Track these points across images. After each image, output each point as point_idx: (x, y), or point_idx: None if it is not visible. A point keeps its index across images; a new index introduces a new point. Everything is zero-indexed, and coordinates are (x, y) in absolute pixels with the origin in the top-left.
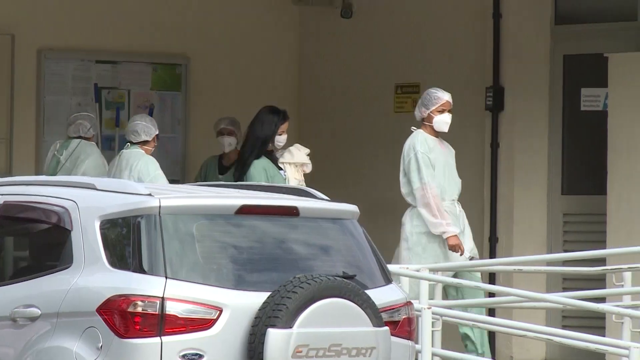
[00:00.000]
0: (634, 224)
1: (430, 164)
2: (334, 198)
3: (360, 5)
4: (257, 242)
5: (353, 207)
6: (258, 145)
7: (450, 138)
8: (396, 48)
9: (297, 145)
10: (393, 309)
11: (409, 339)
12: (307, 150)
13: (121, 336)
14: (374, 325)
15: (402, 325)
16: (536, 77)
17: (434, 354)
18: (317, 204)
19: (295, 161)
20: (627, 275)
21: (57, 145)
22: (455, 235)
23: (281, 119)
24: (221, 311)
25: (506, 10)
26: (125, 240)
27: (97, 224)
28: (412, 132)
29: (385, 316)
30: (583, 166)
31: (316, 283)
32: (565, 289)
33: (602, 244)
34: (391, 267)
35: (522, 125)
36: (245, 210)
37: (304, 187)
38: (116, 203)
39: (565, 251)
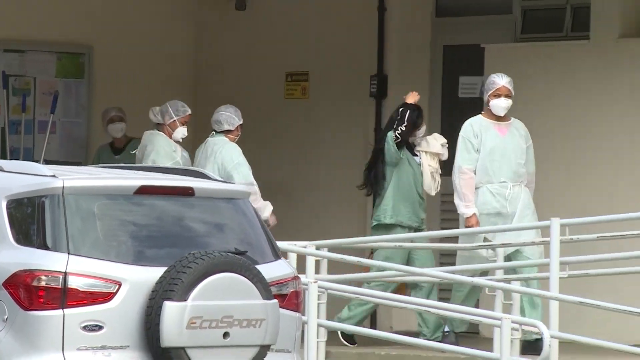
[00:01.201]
0: None
1: (473, 148)
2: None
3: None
4: (155, 220)
5: (244, 188)
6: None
7: (337, 122)
8: (287, 38)
9: (435, 134)
10: (282, 283)
11: (296, 311)
12: (444, 140)
13: (26, 309)
14: (264, 298)
15: (290, 298)
16: (417, 66)
17: (319, 325)
18: (212, 184)
19: (430, 150)
20: (500, 251)
21: None
22: (473, 216)
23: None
24: (120, 285)
25: (390, 4)
26: (30, 219)
27: (4, 204)
28: None
29: (274, 290)
30: None
31: (209, 259)
32: (442, 264)
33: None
34: (280, 244)
35: None
36: (143, 191)
37: (200, 169)
38: (22, 184)
39: (443, 229)
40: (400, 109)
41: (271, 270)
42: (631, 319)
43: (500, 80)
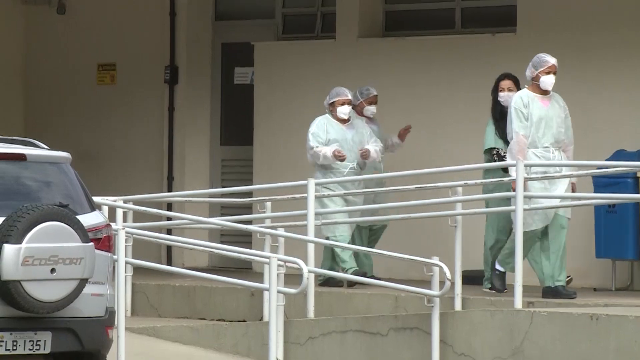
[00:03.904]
0: (273, 167)
1: (524, 117)
2: (54, 147)
3: (71, 3)
4: None
5: (67, 154)
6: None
7: (138, 103)
8: (99, 35)
9: None
10: (96, 229)
11: (108, 251)
12: None
13: None
14: (82, 242)
15: (104, 241)
16: (202, 59)
17: (126, 262)
18: (41, 151)
19: None
20: (268, 204)
21: None
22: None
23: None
24: None
25: (179, 9)
26: None
27: None
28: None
29: (90, 235)
30: (236, 124)
31: (39, 210)
32: (223, 215)
33: (250, 182)
34: (95, 198)
35: (191, 94)
36: None
37: (29, 139)
38: None
39: (223, 187)
40: None
41: (88, 219)
42: (373, 257)
43: (551, 59)
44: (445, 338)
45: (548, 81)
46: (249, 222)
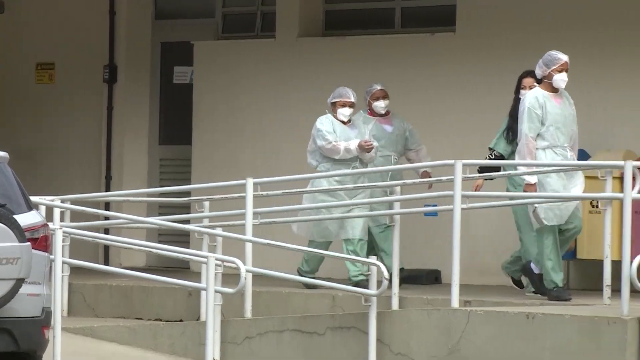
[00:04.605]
0: (212, 167)
1: (537, 119)
2: None
3: (9, 2)
4: None
5: (4, 154)
6: None
7: (77, 101)
8: (37, 34)
9: None
10: (34, 229)
11: (45, 251)
12: None
13: None
14: (19, 241)
15: (41, 241)
16: (141, 58)
17: (63, 262)
18: None
19: None
20: (207, 204)
21: None
22: (535, 185)
23: (519, 78)
24: None
25: (119, 7)
26: None
27: None
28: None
29: (27, 234)
30: (175, 123)
31: None
32: (161, 214)
33: (188, 181)
34: (32, 198)
35: (130, 93)
36: None
37: None
38: None
39: (162, 186)
40: None
41: (25, 219)
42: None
43: (564, 57)
44: (382, 337)
45: (562, 79)
46: (187, 221)
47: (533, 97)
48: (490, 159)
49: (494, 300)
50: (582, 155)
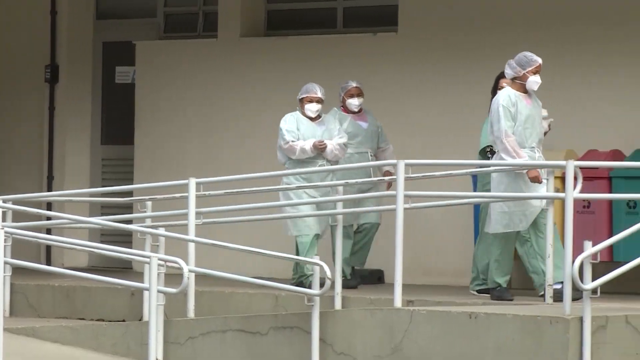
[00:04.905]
0: (154, 167)
1: (511, 115)
2: None
3: None
4: None
5: None
6: None
7: (19, 101)
8: None
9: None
10: None
11: None
12: (546, 114)
13: None
14: None
15: None
16: (83, 58)
17: (5, 262)
18: None
19: None
20: (149, 204)
21: None
22: (535, 170)
23: (496, 79)
24: None
25: (60, 7)
26: None
27: None
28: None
29: None
30: (117, 123)
31: None
32: (103, 214)
33: (130, 181)
34: None
35: (72, 93)
36: None
37: None
38: None
39: (104, 186)
40: None
41: None
42: (250, 256)
43: (539, 59)
44: (325, 337)
45: (536, 80)
46: (130, 221)
47: (506, 95)
48: (489, 157)
49: (436, 300)
50: None
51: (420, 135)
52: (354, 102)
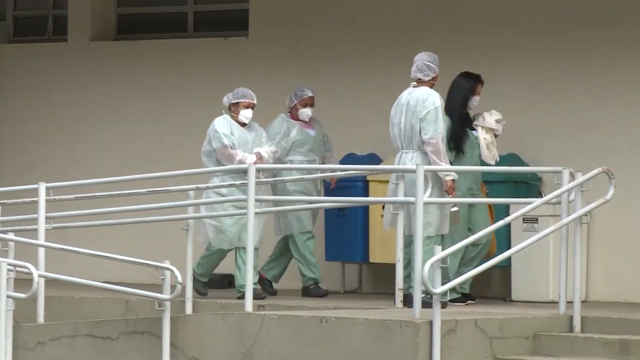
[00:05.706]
0: (5, 172)
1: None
2: None
3: None
4: None
5: None
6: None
7: None
8: None
9: (493, 111)
10: None
11: None
12: (499, 116)
13: None
14: None
15: None
16: None
17: None
18: None
19: (485, 125)
20: None
21: None
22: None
23: (474, 81)
24: None
25: None
26: None
27: None
28: (414, 86)
29: None
30: None
31: None
32: None
33: None
34: None
35: None
36: None
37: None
38: None
39: None
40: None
41: None
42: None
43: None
44: (176, 342)
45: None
46: None
47: (440, 97)
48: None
49: (288, 305)
50: (374, 159)
51: None
52: (306, 112)
